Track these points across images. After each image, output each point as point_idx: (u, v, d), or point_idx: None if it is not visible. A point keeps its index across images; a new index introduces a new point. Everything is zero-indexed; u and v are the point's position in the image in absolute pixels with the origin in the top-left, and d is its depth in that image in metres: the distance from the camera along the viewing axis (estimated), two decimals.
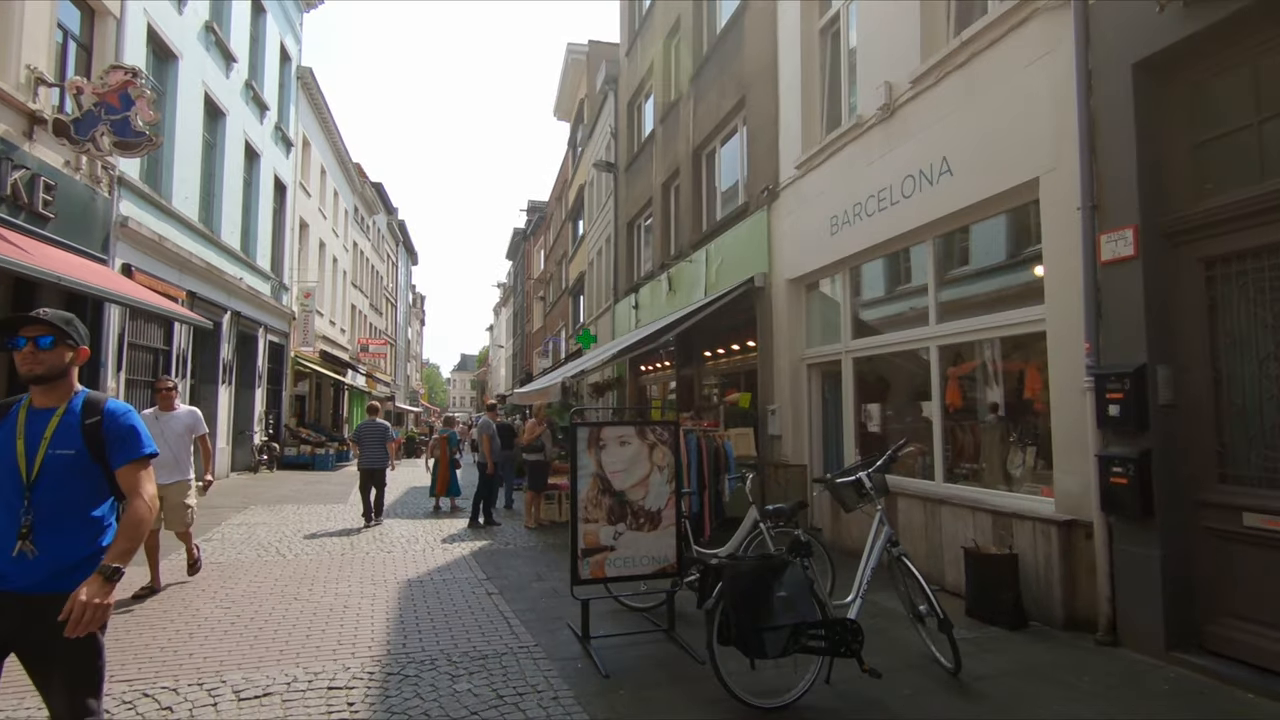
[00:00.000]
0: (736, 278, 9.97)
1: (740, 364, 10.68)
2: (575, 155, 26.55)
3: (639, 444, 4.75)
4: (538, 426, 9.59)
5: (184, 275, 13.32)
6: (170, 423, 6.48)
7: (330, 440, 21.41)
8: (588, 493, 4.64)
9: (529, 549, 8.05)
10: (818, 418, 8.62)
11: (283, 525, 9.56)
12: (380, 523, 10.01)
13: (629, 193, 16.92)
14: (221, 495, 12.73)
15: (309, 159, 23.16)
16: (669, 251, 14.02)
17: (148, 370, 12.32)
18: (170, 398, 6.65)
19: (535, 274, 40.32)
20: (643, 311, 15.19)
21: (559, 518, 10.06)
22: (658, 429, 4.83)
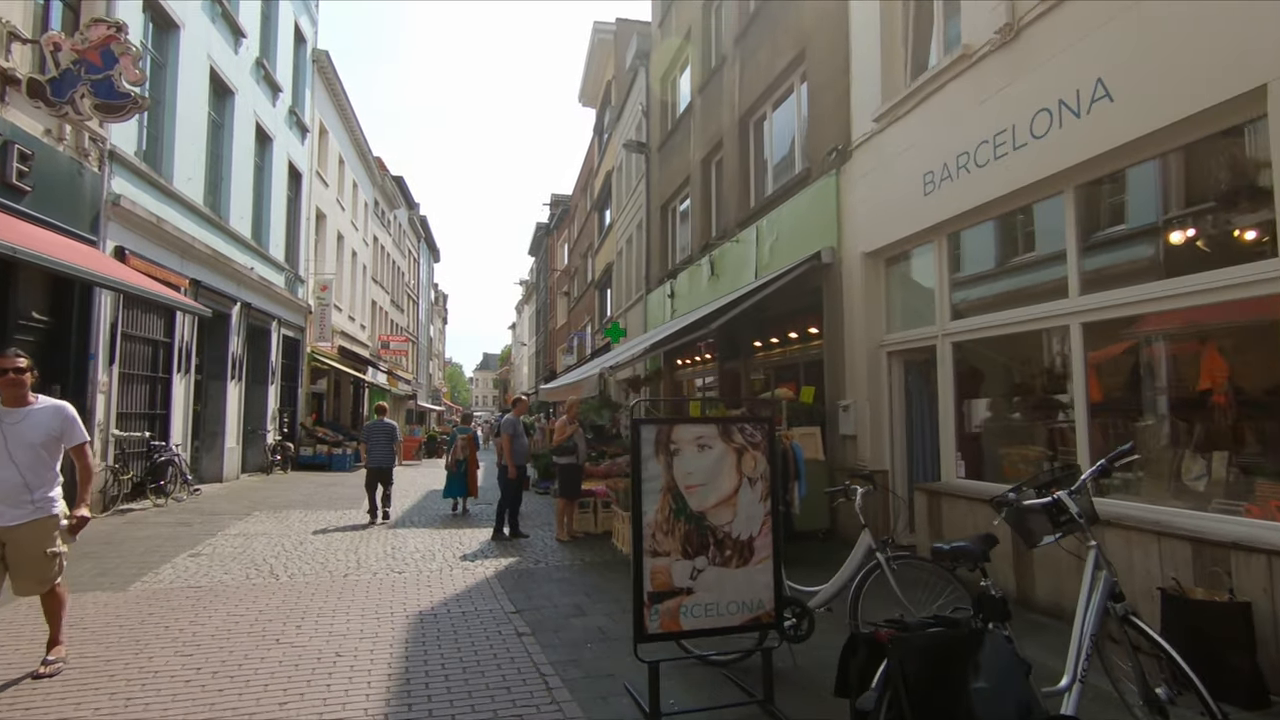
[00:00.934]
0: (796, 255, 8.71)
1: (799, 353, 9.41)
2: (601, 142, 25.39)
3: (723, 448, 3.52)
4: (569, 425, 8.41)
5: (186, 262, 12.35)
6: (22, 427, 3.88)
7: (348, 440, 20.48)
8: (657, 514, 3.41)
9: (563, 569, 6.85)
10: (900, 414, 7.32)
11: (284, 536, 8.49)
12: (388, 520, 10.00)
13: (662, 174, 15.69)
14: (225, 500, 11.73)
15: (326, 147, 22.27)
16: (710, 233, 12.77)
17: (146, 364, 11.36)
18: (18, 386, 3.89)
19: (559, 269, 39.27)
20: (679, 300, 13.95)
21: (594, 528, 8.87)
22: (748, 428, 3.59)
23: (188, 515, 9.99)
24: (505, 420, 8.67)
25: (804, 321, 9.20)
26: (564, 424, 8.48)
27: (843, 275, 7.87)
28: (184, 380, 12.42)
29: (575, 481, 8.42)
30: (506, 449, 8.55)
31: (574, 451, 8.35)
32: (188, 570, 6.52)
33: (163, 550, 7.42)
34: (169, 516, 9.81)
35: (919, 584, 3.87)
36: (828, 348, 8.11)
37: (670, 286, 14.46)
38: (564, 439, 8.34)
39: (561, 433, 8.44)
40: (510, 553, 7.64)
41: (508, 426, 8.67)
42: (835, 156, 8.00)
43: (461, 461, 11.33)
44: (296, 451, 18.48)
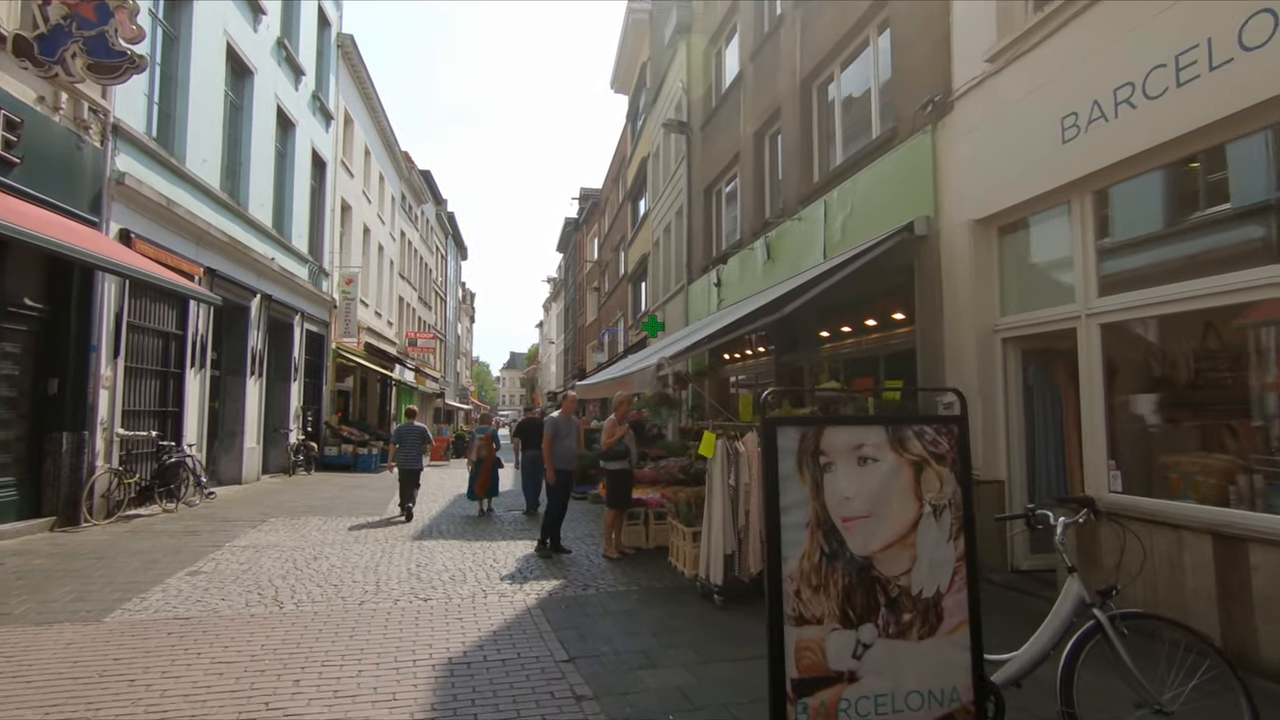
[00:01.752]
0: (877, 228, 7.52)
1: (878, 343, 8.21)
2: (635, 130, 24.31)
3: (894, 461, 2.39)
4: (619, 426, 7.32)
5: (201, 249, 11.54)
6: None
7: (374, 439, 19.70)
8: (802, 559, 2.30)
9: (619, 597, 5.77)
10: (1018, 413, 6.10)
11: (298, 549, 7.54)
12: (409, 519, 9.91)
13: (706, 154, 14.55)
14: (241, 504, 10.88)
15: (351, 136, 21.53)
16: (763, 214, 11.60)
17: (156, 358, 10.55)
18: None
19: (588, 264, 38.31)
20: (727, 289, 12.80)
21: (645, 543, 7.78)
22: (929, 432, 2.46)
23: (197, 522, 9.13)
24: (549, 419, 7.61)
25: (885, 306, 8.01)
26: (613, 424, 7.40)
27: (941, 249, 6.67)
28: (199, 376, 11.61)
29: (626, 490, 7.34)
30: (547, 451, 7.49)
31: (625, 456, 7.27)
32: (180, 594, 5.57)
33: (159, 566, 6.50)
34: (177, 524, 8.95)
35: (1158, 656, 2.70)
36: (921, 335, 6.91)
37: (716, 275, 13.32)
38: (614, 442, 7.26)
39: (611, 434, 7.35)
40: (553, 573, 6.58)
41: (550, 426, 7.60)
42: (931, 110, 6.79)
43: (479, 461, 10.81)
44: (320, 451, 17.72)
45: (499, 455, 11.78)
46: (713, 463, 5.45)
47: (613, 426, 7.41)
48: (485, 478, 11.00)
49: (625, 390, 7.49)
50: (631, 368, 7.66)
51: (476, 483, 10.86)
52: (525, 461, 11.16)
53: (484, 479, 10.99)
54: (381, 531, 8.86)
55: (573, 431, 7.62)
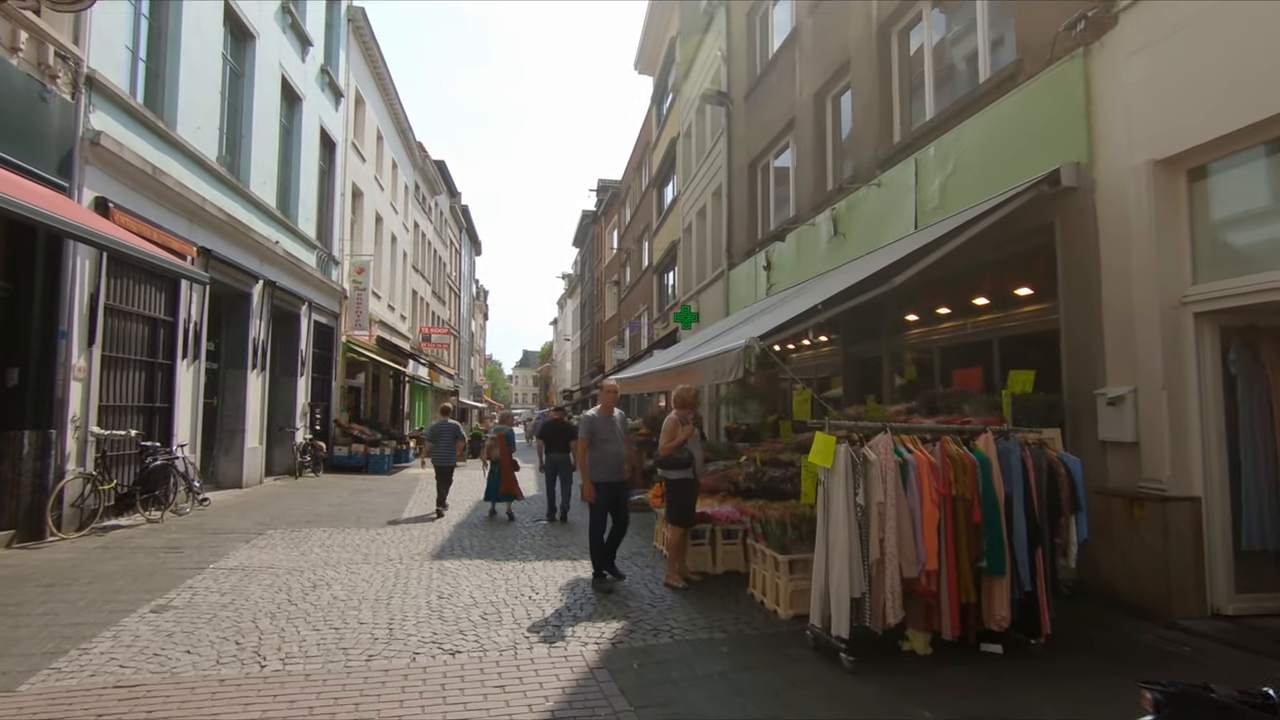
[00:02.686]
0: (996, 185, 6.16)
1: (990, 325, 6.81)
2: (660, 113, 22.97)
3: None
4: (681, 427, 5.99)
5: (195, 226, 10.32)
6: None
7: (387, 438, 18.49)
8: None
9: (704, 646, 4.44)
10: (1216, 409, 4.72)
11: (296, 571, 6.28)
12: (442, 516, 10.05)
13: (750, 125, 13.19)
14: (238, 512, 9.65)
15: (362, 118, 20.33)
16: (826, 185, 10.24)
17: (141, 347, 9.32)
18: None
19: (607, 258, 37.02)
20: (779, 273, 11.44)
21: (712, 566, 6.43)
22: None
23: (184, 535, 7.90)
24: (585, 418, 6.21)
25: (1001, 279, 6.62)
26: (673, 424, 6.05)
27: (1099, 202, 5.28)
28: (192, 368, 10.39)
29: (690, 504, 6.00)
30: (582, 460, 6.09)
31: (688, 464, 5.93)
32: (135, 644, 4.29)
33: (120, 598, 5.25)
34: (159, 537, 7.72)
35: None
36: (1068, 311, 5.53)
37: (765, 257, 11.96)
38: (676, 445, 5.92)
39: (672, 436, 6.00)
40: (608, 608, 5.26)
41: (585, 427, 6.15)
42: (1083, 29, 5.40)
43: (494, 462, 10.21)
44: (329, 452, 16.52)
45: (515, 458, 10.68)
46: (832, 475, 4.10)
47: (674, 427, 6.06)
48: (506, 479, 10.19)
49: (691, 381, 6.14)
50: (700, 352, 6.29)
51: (503, 482, 10.17)
52: (549, 464, 10.27)
53: (505, 481, 10.17)
54: (395, 547, 7.58)
55: (617, 433, 6.17)
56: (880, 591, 3.98)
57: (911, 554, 3.97)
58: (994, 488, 4.10)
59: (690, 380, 6.24)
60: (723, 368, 5.24)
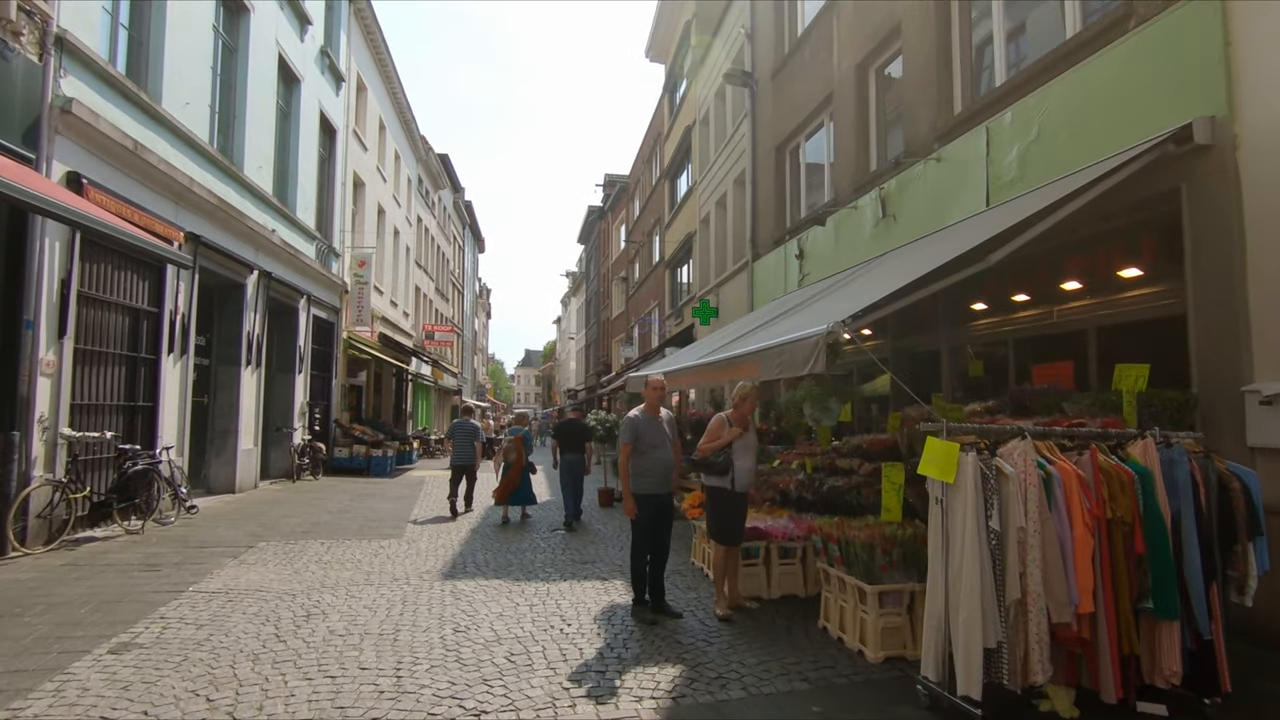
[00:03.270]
0: (1099, 147, 5.31)
1: (1083, 314, 5.95)
2: (673, 102, 22.12)
3: None
4: (728, 429, 5.14)
5: (182, 210, 9.50)
6: None
7: (390, 439, 17.66)
8: None
9: (787, 704, 3.59)
10: None
11: (287, 595, 5.45)
12: (469, 511, 10.39)
13: (779, 106, 12.34)
14: (228, 521, 8.82)
15: (364, 105, 19.50)
16: (869, 164, 9.39)
17: (122, 340, 8.49)
18: None
19: (614, 254, 36.19)
20: (813, 262, 10.59)
21: (767, 591, 5.58)
22: None
23: (164, 549, 7.07)
24: (628, 419, 5.36)
25: (1099, 259, 5.77)
26: (719, 425, 5.20)
27: (1242, 162, 4.43)
28: (180, 364, 9.57)
29: (727, 517, 5.14)
30: (624, 468, 5.21)
31: (725, 471, 5.06)
32: (81, 700, 3.46)
33: (77, 633, 4.42)
34: (136, 551, 6.90)
35: None
36: (1200, 293, 4.67)
37: (797, 245, 11.11)
38: (716, 447, 5.07)
39: (713, 437, 5.16)
40: (660, 648, 4.40)
41: (629, 430, 5.24)
42: None
43: (508, 466, 9.87)
44: (329, 453, 15.69)
45: (530, 460, 10.21)
46: (953, 492, 3.26)
47: (718, 427, 5.21)
48: (513, 481, 9.83)
49: (746, 375, 5.29)
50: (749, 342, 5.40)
51: (502, 488, 9.83)
52: (564, 466, 9.80)
53: (509, 483, 9.81)
54: (401, 563, 6.74)
55: (665, 437, 5.29)
56: (1021, 640, 3.14)
57: (1061, 593, 3.13)
58: (1159, 508, 3.25)
59: (745, 374, 5.39)
60: (793, 359, 4.39)
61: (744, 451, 5.20)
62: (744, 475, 5.19)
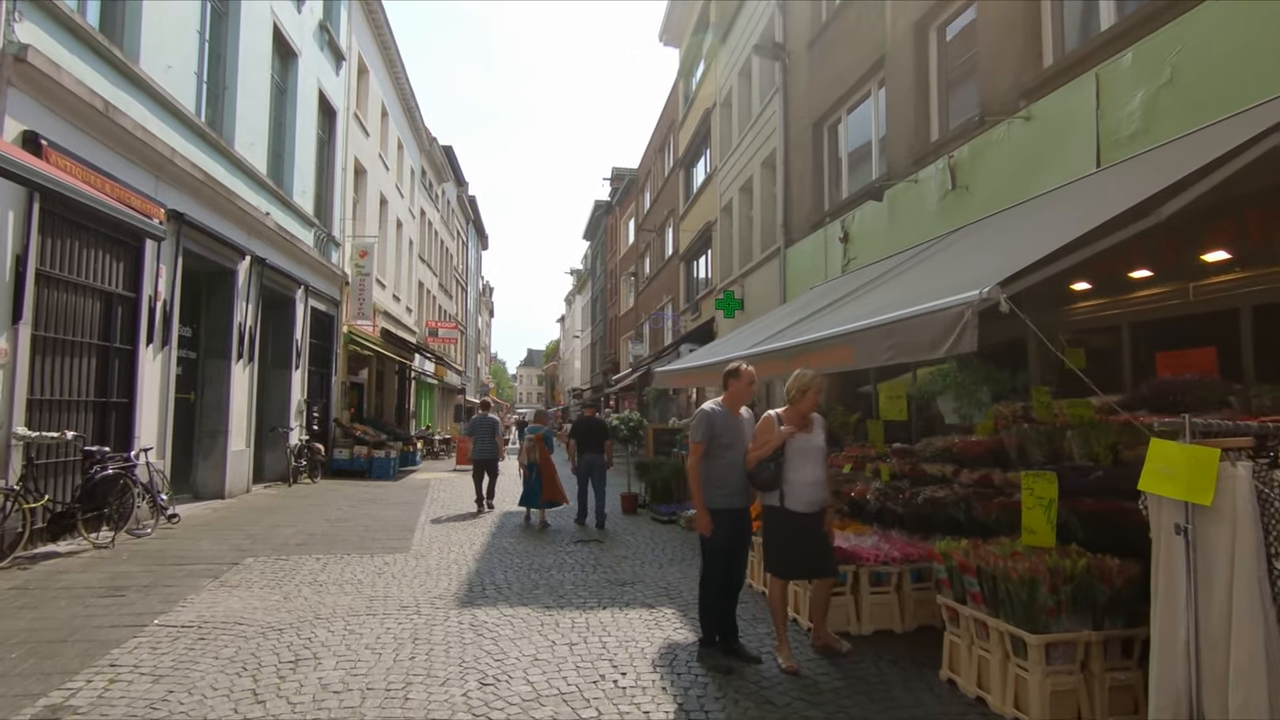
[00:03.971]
0: (1265, 83, 4.31)
1: (1239, 288, 4.94)
2: (689, 86, 21.15)
3: None
4: (779, 429, 4.10)
5: (163, 184, 8.53)
6: None
7: (393, 439, 16.67)
8: None
9: None
10: None
11: (272, 632, 4.47)
12: (493, 509, 10.23)
13: (815, 79, 11.35)
14: (213, 532, 7.84)
15: (366, 88, 18.53)
16: (931, 133, 8.41)
17: (91, 328, 7.51)
18: None
19: (622, 249, 35.24)
20: (861, 244, 9.61)
21: (857, 626, 4.57)
22: None
23: (134, 567, 6.09)
24: (701, 414, 4.22)
25: (1254, 224, 4.77)
26: (768, 424, 4.14)
27: None
28: (160, 356, 8.59)
29: (792, 545, 4.04)
30: (694, 474, 4.14)
31: (773, 484, 4.02)
32: None
33: (1, 687, 3.44)
34: (100, 570, 5.92)
35: None
36: None
37: (841, 227, 10.11)
38: (762, 455, 4.05)
39: (762, 443, 4.11)
40: (750, 712, 3.42)
41: (702, 427, 4.14)
42: None
43: (533, 465, 9.33)
44: (329, 454, 14.71)
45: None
46: (1211, 518, 2.29)
47: (767, 428, 4.13)
48: (550, 480, 9.31)
49: (831, 364, 4.28)
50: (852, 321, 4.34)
51: (540, 491, 9.24)
52: (582, 465, 9.38)
53: (548, 485, 9.28)
54: (409, 584, 5.76)
55: (744, 438, 4.20)
56: None
57: None
58: None
59: (832, 360, 4.38)
60: (917, 337, 3.40)
61: (802, 459, 4.08)
62: (801, 490, 4.05)
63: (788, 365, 5.37)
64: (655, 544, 7.90)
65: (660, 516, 9.53)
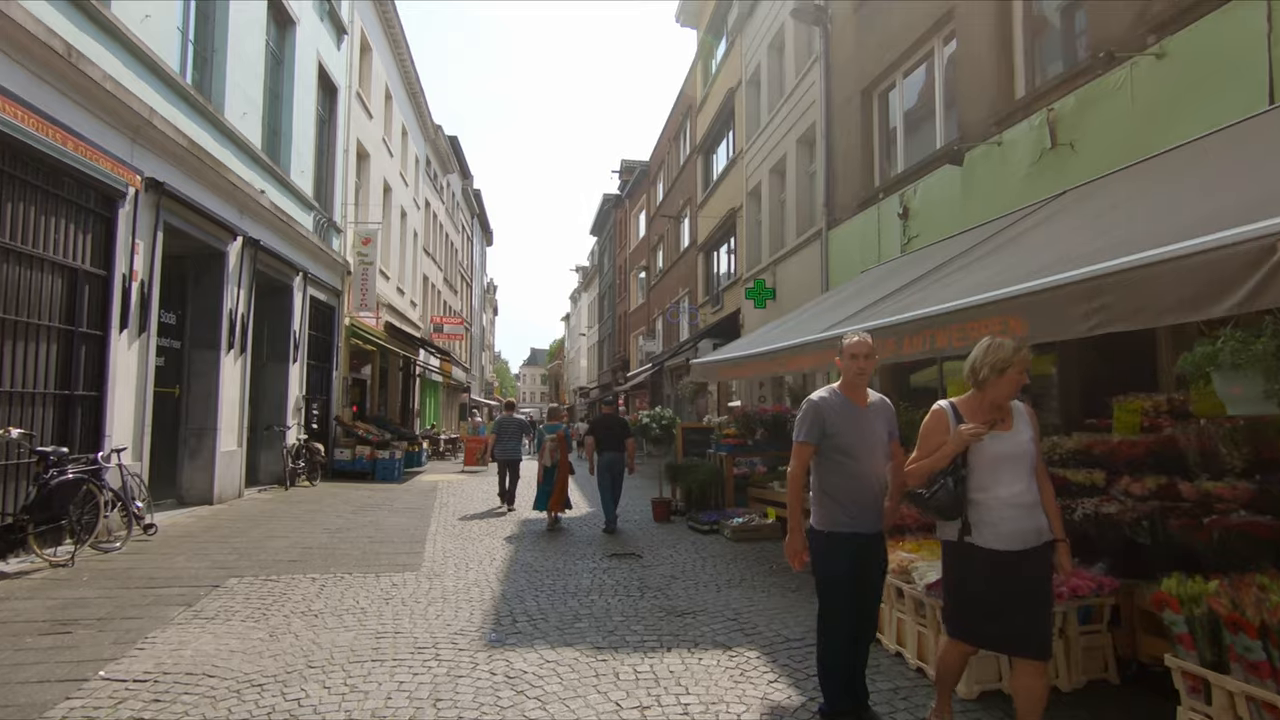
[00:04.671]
0: None
1: None
2: (709, 67, 20.10)
3: None
4: (961, 429, 2.80)
5: (139, 148, 7.49)
6: None
7: (398, 439, 15.63)
8: None
9: None
10: None
11: (250, 687, 3.44)
12: (513, 509, 10.04)
13: (864, 42, 10.29)
14: (193, 545, 6.80)
15: (369, 68, 17.51)
16: (1015, 87, 7.35)
17: (51, 309, 6.48)
18: None
19: (632, 244, 34.20)
20: (925, 220, 8.57)
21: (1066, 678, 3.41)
22: None
23: (92, 591, 5.06)
24: (807, 408, 3.12)
25: None
26: (940, 420, 2.93)
27: None
28: (136, 343, 7.56)
29: (986, 599, 2.73)
30: (795, 487, 3.12)
31: (953, 511, 2.77)
32: None
33: None
34: (49, 598, 4.89)
35: None
36: None
37: (901, 202, 9.06)
38: (931, 468, 2.81)
39: (929, 447, 2.89)
40: None
41: (810, 421, 3.12)
42: None
43: (551, 468, 8.82)
44: (329, 455, 13.69)
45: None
46: None
47: (939, 426, 2.87)
48: (561, 488, 8.78)
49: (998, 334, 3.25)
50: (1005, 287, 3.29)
51: (551, 496, 8.75)
52: (602, 466, 8.74)
53: (559, 490, 8.75)
54: (423, 614, 4.72)
55: (876, 436, 3.13)
56: None
57: None
58: None
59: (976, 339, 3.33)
60: (1165, 292, 2.35)
61: (996, 470, 2.74)
62: (997, 516, 2.70)
63: (899, 347, 4.32)
64: (702, 559, 6.85)
65: (700, 525, 8.49)
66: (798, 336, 6.18)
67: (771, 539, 7.76)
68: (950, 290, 4.55)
